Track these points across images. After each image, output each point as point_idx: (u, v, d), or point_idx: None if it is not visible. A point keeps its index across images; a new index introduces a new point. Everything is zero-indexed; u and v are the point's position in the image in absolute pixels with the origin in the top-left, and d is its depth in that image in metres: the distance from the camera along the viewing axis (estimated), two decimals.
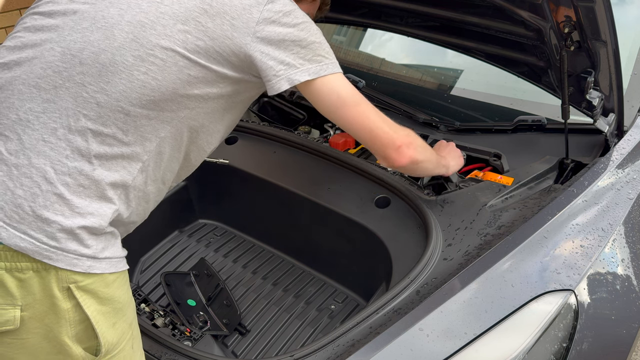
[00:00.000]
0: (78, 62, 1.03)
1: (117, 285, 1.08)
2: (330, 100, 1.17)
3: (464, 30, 1.80)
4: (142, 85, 1.04)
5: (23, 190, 0.99)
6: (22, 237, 0.97)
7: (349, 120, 1.21)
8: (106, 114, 1.03)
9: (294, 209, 1.80)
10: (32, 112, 1.02)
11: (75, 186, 1.01)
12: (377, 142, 1.24)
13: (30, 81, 1.03)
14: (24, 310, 0.98)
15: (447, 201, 1.54)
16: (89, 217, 1.02)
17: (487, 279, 1.21)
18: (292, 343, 1.60)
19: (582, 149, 1.63)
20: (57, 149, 1.01)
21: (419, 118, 1.90)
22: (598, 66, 1.50)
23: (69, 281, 1.00)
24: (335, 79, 1.17)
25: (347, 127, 1.23)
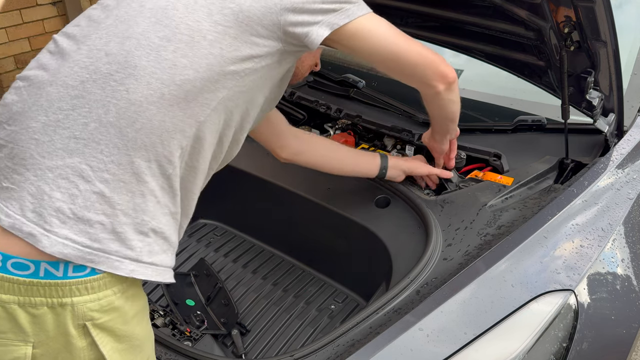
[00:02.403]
0: (104, 54, 1.00)
1: (137, 322, 1.03)
2: (376, 37, 1.16)
3: (464, 30, 1.80)
4: (171, 65, 0.99)
5: (61, 192, 0.93)
6: (64, 242, 0.92)
7: (397, 50, 1.19)
8: (137, 100, 0.97)
9: (294, 208, 1.81)
10: (61, 111, 0.97)
11: (115, 182, 0.95)
12: (428, 64, 1.23)
13: (58, 81, 1.00)
14: (36, 347, 0.93)
15: (447, 201, 1.54)
16: (131, 213, 0.96)
17: (487, 279, 1.21)
18: (292, 343, 1.60)
19: (582, 149, 1.63)
20: (91, 144, 0.95)
21: (419, 118, 1.90)
22: (598, 66, 1.50)
23: (85, 318, 0.94)
24: (373, 16, 1.17)
25: (396, 59, 1.20)
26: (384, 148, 1.93)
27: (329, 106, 2.04)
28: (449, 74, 1.26)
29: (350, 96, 2.06)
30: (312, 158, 1.56)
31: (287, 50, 1.10)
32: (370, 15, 1.16)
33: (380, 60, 1.22)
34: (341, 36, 1.13)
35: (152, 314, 1.53)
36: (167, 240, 1.03)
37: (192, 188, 1.09)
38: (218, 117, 1.05)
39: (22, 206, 0.93)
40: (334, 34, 1.11)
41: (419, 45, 1.22)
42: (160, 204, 1.00)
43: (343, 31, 1.12)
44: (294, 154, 1.54)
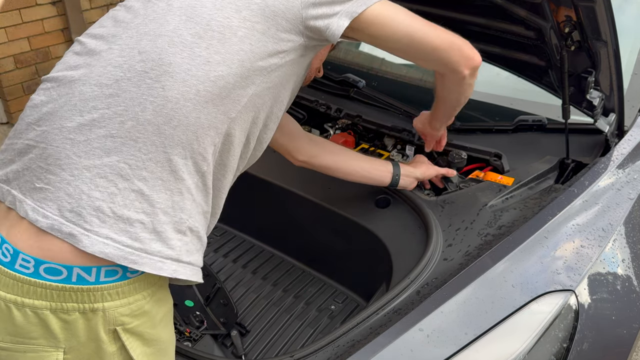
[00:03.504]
0: (137, 52, 0.99)
1: (164, 325, 1.03)
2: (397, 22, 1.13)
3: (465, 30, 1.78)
4: (205, 61, 0.99)
5: (99, 191, 0.93)
6: (105, 242, 0.91)
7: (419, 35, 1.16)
8: (173, 96, 0.97)
9: (293, 209, 1.80)
10: (96, 110, 0.96)
11: (153, 180, 0.95)
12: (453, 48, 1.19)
13: (91, 80, 0.99)
14: (67, 353, 0.93)
15: (448, 201, 1.54)
16: (170, 212, 0.96)
17: (488, 279, 1.21)
18: (292, 343, 1.60)
19: (582, 149, 1.63)
20: (128, 142, 0.95)
21: None
22: (598, 66, 1.50)
23: (116, 323, 0.94)
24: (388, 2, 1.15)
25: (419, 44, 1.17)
26: (384, 148, 1.93)
27: (329, 106, 2.04)
28: (475, 57, 1.23)
29: (350, 96, 2.06)
30: (326, 161, 1.54)
31: (308, 45, 1.11)
32: (386, 1, 1.14)
33: (402, 46, 1.18)
34: (361, 24, 1.11)
35: None
36: (200, 240, 1.03)
37: (222, 187, 1.10)
38: (247, 114, 1.06)
39: (59, 206, 0.92)
40: (354, 22, 1.10)
41: (441, 29, 1.19)
42: (196, 202, 1.01)
43: (363, 19, 1.10)
44: (310, 156, 1.52)
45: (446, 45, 1.18)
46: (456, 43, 1.20)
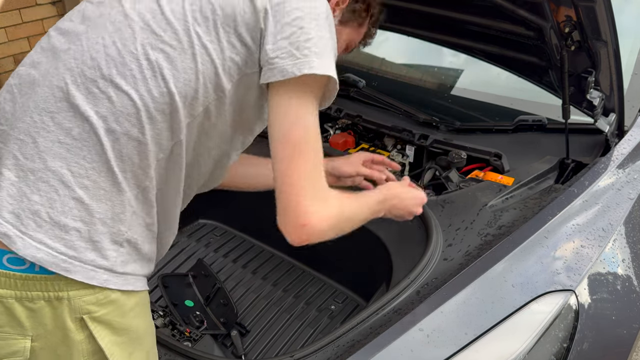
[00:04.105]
0: (89, 57, 0.98)
1: (135, 314, 1.02)
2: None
3: (465, 30, 1.80)
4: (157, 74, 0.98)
5: (40, 195, 0.93)
6: (38, 247, 0.91)
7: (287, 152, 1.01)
8: (118, 110, 0.96)
9: None
10: (47, 113, 0.96)
11: (95, 189, 0.95)
12: (287, 202, 1.00)
13: (45, 82, 0.99)
14: (34, 341, 0.94)
15: (448, 201, 1.54)
16: (109, 222, 0.96)
17: (488, 279, 1.21)
18: (292, 343, 1.60)
19: (582, 148, 1.63)
20: (74, 150, 0.95)
21: (419, 118, 1.90)
22: (599, 66, 1.50)
23: (82, 312, 0.95)
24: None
25: (277, 154, 1.02)
26: (384, 148, 1.93)
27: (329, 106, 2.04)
28: (304, 231, 0.99)
29: (350, 96, 2.06)
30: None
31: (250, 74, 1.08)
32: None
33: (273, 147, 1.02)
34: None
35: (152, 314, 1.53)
36: (140, 251, 1.03)
37: (169, 202, 1.08)
38: (193, 133, 1.04)
39: (1, 207, 0.93)
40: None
41: (314, 164, 1.00)
42: (137, 215, 1.01)
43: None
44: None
45: (287, 189, 1.00)
46: (300, 195, 0.99)
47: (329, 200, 1.04)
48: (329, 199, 1.04)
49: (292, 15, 1.00)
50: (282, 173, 1.00)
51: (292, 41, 0.99)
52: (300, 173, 1.00)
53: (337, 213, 1.04)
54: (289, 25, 0.99)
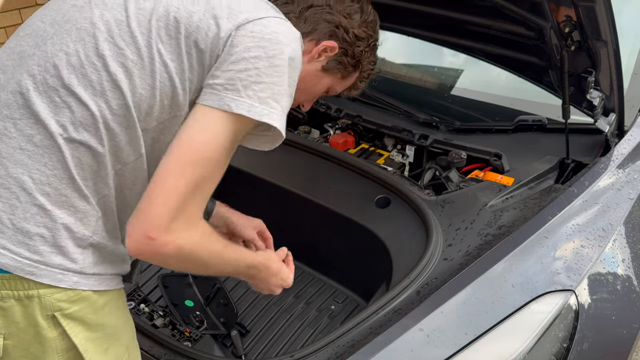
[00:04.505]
0: (52, 65, 0.97)
1: (109, 310, 1.03)
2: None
3: (465, 30, 1.80)
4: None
5: (2, 202, 0.93)
6: (1, 252, 0.92)
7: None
8: (78, 119, 0.96)
9: (293, 209, 1.80)
10: (9, 119, 0.96)
11: (57, 196, 0.95)
12: (146, 208, 0.93)
13: (8, 87, 0.98)
14: (7, 339, 0.95)
15: (448, 201, 1.54)
16: (73, 227, 0.96)
17: (488, 279, 1.21)
18: (292, 343, 1.60)
19: (582, 148, 1.63)
20: (35, 156, 0.94)
21: (419, 118, 1.90)
22: (599, 66, 1.50)
23: (53, 309, 0.95)
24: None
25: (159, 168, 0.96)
26: (384, 148, 1.93)
27: (329, 106, 2.04)
28: (153, 242, 0.91)
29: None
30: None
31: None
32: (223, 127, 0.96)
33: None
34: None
35: (152, 314, 1.53)
36: (110, 253, 1.03)
37: (132, 211, 1.05)
38: (148, 146, 1.03)
39: None
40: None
41: (192, 182, 0.93)
42: (102, 220, 1.01)
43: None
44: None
45: (159, 190, 0.93)
46: (161, 204, 0.91)
47: (194, 230, 0.96)
48: (195, 227, 0.96)
49: (253, 52, 0.97)
50: (162, 172, 0.93)
51: (242, 77, 0.96)
52: (181, 182, 0.92)
53: (194, 247, 0.97)
54: (245, 61, 0.97)
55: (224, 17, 1.00)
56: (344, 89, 1.36)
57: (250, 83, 0.96)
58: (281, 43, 1.00)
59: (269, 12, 1.04)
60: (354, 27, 1.23)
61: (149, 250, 0.92)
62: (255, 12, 1.02)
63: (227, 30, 0.98)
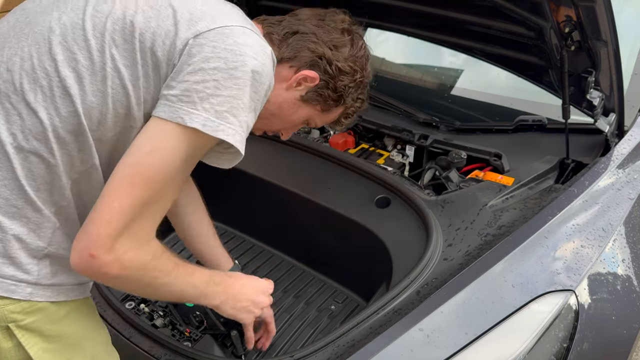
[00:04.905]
0: (5, 69, 0.94)
1: (70, 320, 1.00)
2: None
3: (465, 30, 1.80)
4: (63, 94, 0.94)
5: None
6: None
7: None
8: (28, 127, 0.92)
9: (293, 209, 1.80)
10: None
11: (7, 207, 0.92)
12: (90, 225, 0.89)
13: None
14: None
15: (448, 201, 1.54)
16: (25, 238, 0.94)
17: (488, 279, 1.21)
18: (292, 343, 1.59)
19: (582, 148, 1.63)
20: None
21: (419, 118, 1.90)
22: (599, 66, 1.50)
23: (7, 320, 0.93)
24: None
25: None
26: (384, 148, 1.93)
27: None
28: (94, 259, 0.88)
29: None
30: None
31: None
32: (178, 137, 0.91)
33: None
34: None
35: (152, 314, 1.53)
36: (67, 264, 0.97)
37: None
38: (105, 157, 1.00)
39: None
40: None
41: (138, 197, 0.89)
42: (60, 230, 0.98)
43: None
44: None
45: (103, 209, 0.89)
46: (106, 220, 0.88)
47: (142, 249, 0.92)
48: (143, 247, 0.92)
49: (212, 63, 0.91)
50: (108, 188, 0.89)
51: (198, 89, 0.90)
52: (126, 202, 0.88)
53: (140, 267, 0.92)
54: (203, 71, 0.91)
55: (183, 23, 0.94)
56: (326, 123, 1.29)
57: (207, 95, 0.90)
58: (244, 55, 0.93)
59: (236, 20, 0.98)
60: (339, 60, 1.15)
61: (91, 268, 0.89)
62: (219, 20, 0.96)
63: (184, 39, 0.93)
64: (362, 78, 1.22)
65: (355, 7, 2.07)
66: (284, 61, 1.13)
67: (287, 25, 1.15)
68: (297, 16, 1.17)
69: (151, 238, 0.95)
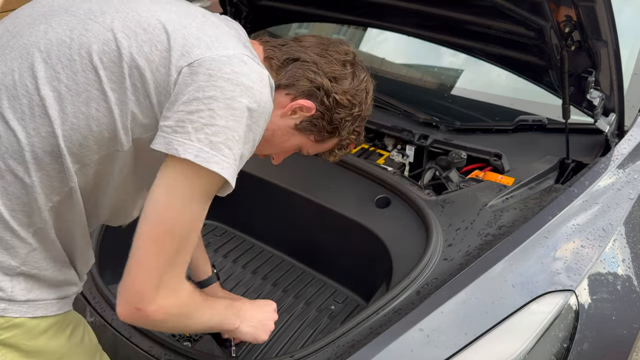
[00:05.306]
0: None
1: (51, 335, 0.98)
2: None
3: (465, 30, 1.80)
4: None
5: None
6: None
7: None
8: (4, 145, 0.89)
9: (293, 209, 1.80)
10: None
11: None
12: (130, 283, 0.93)
13: None
14: None
15: (448, 201, 1.54)
16: None
17: (488, 279, 1.21)
18: (292, 343, 1.59)
19: (582, 148, 1.63)
20: None
21: (419, 118, 1.90)
22: (599, 66, 1.50)
23: None
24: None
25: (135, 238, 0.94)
26: (384, 148, 1.93)
27: None
28: (140, 312, 0.92)
29: None
30: None
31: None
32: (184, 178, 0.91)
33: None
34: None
35: None
36: (46, 280, 0.98)
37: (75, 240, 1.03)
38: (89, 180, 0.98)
39: None
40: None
41: (163, 246, 0.92)
42: (37, 251, 0.96)
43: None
44: None
45: (135, 268, 0.93)
46: (144, 278, 0.92)
47: (178, 293, 0.97)
48: (179, 292, 0.97)
49: (208, 92, 0.89)
50: (138, 249, 0.92)
51: (193, 119, 0.88)
52: (156, 258, 0.91)
53: (181, 307, 0.98)
54: (198, 101, 0.89)
55: (176, 50, 0.92)
56: (319, 152, 1.28)
57: (202, 125, 0.88)
58: (241, 85, 0.91)
59: (234, 48, 0.96)
60: (337, 92, 1.13)
61: (139, 319, 0.94)
62: (214, 48, 0.93)
63: (178, 67, 0.91)
64: (359, 112, 1.20)
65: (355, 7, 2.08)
66: (282, 88, 1.11)
67: (288, 51, 1.12)
68: (300, 42, 1.15)
69: (183, 281, 0.98)
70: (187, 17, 0.98)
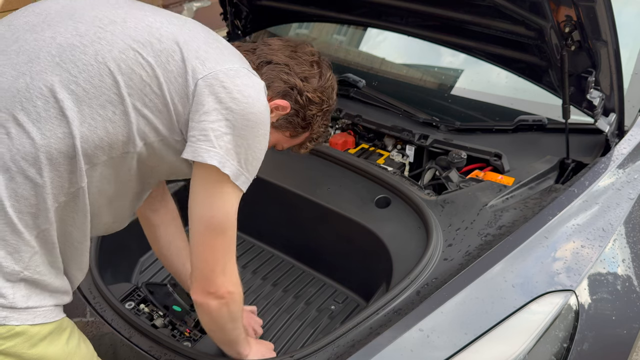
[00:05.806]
0: None
1: (49, 342, 0.99)
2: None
3: (465, 30, 1.80)
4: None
5: None
6: None
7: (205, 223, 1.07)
8: (16, 147, 0.90)
9: (293, 209, 1.80)
10: None
11: None
12: (200, 276, 1.10)
13: None
14: None
15: (448, 201, 1.54)
16: (2, 262, 0.92)
17: (488, 279, 1.21)
18: (292, 343, 1.59)
19: (582, 148, 1.63)
20: None
21: (419, 118, 1.90)
22: (599, 66, 1.49)
23: None
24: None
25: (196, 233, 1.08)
26: (384, 148, 1.93)
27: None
28: (218, 291, 1.10)
29: (350, 96, 2.06)
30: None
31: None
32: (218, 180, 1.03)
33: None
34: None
35: (151, 314, 1.52)
36: (46, 287, 0.99)
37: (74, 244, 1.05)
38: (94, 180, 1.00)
39: None
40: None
41: (218, 241, 1.07)
42: (39, 255, 0.97)
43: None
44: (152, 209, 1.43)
45: (201, 262, 1.09)
46: (209, 269, 1.09)
47: (234, 279, 1.13)
48: (238, 284, 1.15)
49: (224, 104, 1.00)
50: (199, 252, 1.08)
51: (214, 127, 0.99)
52: (215, 254, 1.07)
53: (235, 297, 1.14)
54: (216, 112, 0.99)
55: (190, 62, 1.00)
56: (292, 146, 1.40)
57: (222, 134, 0.99)
58: (251, 96, 1.02)
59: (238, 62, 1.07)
60: (308, 90, 1.25)
61: (213, 298, 1.10)
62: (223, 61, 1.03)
63: (195, 79, 0.99)
64: (328, 107, 1.33)
65: (355, 7, 2.08)
66: None
67: (261, 55, 1.23)
68: (269, 45, 1.25)
69: (237, 271, 1.14)
70: (190, 30, 1.06)
